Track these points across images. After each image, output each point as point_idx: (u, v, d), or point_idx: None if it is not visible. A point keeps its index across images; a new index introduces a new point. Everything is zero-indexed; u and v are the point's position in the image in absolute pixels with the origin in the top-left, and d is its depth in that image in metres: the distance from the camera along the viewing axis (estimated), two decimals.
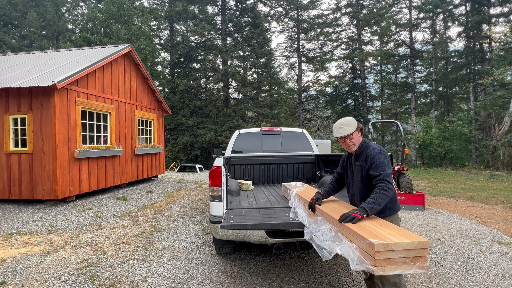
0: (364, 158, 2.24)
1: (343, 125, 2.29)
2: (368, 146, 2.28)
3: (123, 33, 18.81)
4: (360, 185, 2.29)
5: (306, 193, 3.08)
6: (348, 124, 2.29)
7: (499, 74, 14.76)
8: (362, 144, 2.32)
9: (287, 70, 35.95)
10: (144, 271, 3.36)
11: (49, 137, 6.47)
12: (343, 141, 2.32)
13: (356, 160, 2.35)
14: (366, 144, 2.32)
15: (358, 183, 2.31)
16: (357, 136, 2.32)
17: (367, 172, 2.21)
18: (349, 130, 2.27)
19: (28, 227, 5.08)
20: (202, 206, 6.86)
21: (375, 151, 2.20)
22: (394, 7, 24.31)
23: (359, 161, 2.30)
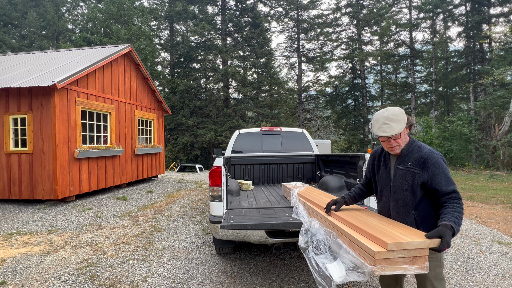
0: (418, 162, 1.76)
1: (390, 120, 1.75)
2: (420, 147, 1.81)
3: (123, 33, 18.81)
4: (406, 196, 1.80)
5: (308, 193, 3.08)
6: (396, 119, 1.75)
7: (499, 74, 14.76)
8: (411, 144, 1.84)
9: (287, 70, 35.98)
10: (144, 271, 3.36)
11: (49, 137, 6.47)
12: (386, 141, 1.83)
13: (400, 162, 1.85)
14: (416, 143, 1.84)
15: (403, 192, 1.82)
16: (405, 135, 1.83)
17: (422, 181, 1.75)
18: (398, 129, 1.74)
19: (28, 227, 5.08)
20: (202, 206, 6.86)
21: (435, 156, 1.73)
22: (394, 7, 24.32)
23: (406, 165, 1.81)
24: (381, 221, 1.85)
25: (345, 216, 2.02)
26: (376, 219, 1.89)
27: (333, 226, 2.00)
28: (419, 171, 1.75)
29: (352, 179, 3.84)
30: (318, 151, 5.83)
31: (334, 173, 4.64)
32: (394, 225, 1.77)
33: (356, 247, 1.65)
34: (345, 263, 1.65)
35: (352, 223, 1.86)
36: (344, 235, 1.81)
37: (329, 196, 2.83)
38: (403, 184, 1.82)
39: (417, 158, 1.77)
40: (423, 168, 1.74)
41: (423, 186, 1.76)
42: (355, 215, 2.02)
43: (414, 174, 1.77)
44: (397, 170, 1.86)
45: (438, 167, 1.72)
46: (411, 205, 1.80)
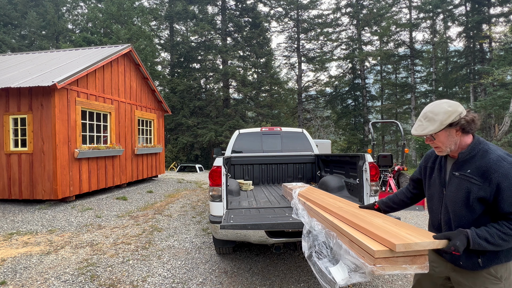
0: (480, 171, 1.40)
1: (425, 117, 1.49)
2: (487, 152, 1.42)
3: (123, 33, 18.82)
4: (461, 210, 1.47)
5: (309, 193, 3.07)
6: (432, 118, 1.46)
7: (499, 74, 14.76)
8: (474, 146, 1.46)
9: (287, 70, 35.99)
10: (144, 271, 3.36)
11: (49, 137, 6.48)
12: (428, 140, 1.55)
13: (457, 167, 1.51)
14: (483, 146, 1.45)
15: (456, 205, 1.48)
16: (451, 136, 1.48)
17: (481, 195, 1.39)
18: (428, 129, 1.46)
19: (28, 227, 5.08)
20: (202, 206, 6.85)
21: (504, 166, 1.35)
22: (394, 7, 24.32)
23: (464, 172, 1.46)
24: (386, 220, 1.78)
25: (347, 215, 1.99)
26: (381, 219, 1.83)
27: (333, 226, 1.99)
28: (479, 183, 1.40)
29: (352, 179, 3.84)
30: (318, 151, 5.83)
31: (334, 173, 4.64)
32: (400, 225, 1.69)
33: (356, 247, 1.64)
34: (347, 265, 1.64)
35: (355, 222, 1.81)
36: (344, 235, 1.80)
37: (331, 196, 2.82)
38: (457, 195, 1.48)
39: (480, 165, 1.41)
40: (485, 180, 1.38)
41: (483, 202, 1.41)
42: (358, 215, 2.00)
43: (472, 185, 1.42)
44: (452, 176, 1.53)
45: (508, 179, 1.33)
46: (466, 222, 1.46)
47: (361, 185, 3.32)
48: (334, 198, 2.66)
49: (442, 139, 1.49)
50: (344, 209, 2.14)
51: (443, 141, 1.49)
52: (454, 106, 1.44)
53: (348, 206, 2.23)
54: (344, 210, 2.13)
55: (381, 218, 1.89)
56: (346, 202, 2.47)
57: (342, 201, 2.48)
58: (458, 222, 1.48)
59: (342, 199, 2.60)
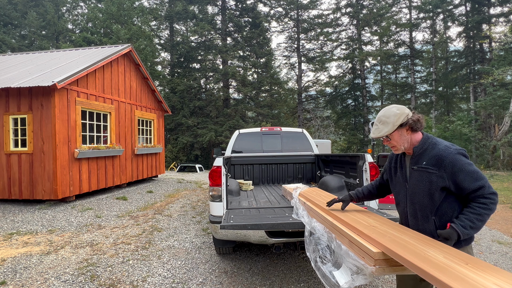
0: (433, 161, 1.60)
1: (379, 121, 1.72)
2: (436, 144, 1.64)
3: (123, 33, 18.82)
4: (424, 199, 1.64)
5: (310, 194, 3.07)
6: (385, 121, 1.69)
7: (499, 74, 14.76)
8: (425, 141, 1.68)
9: (287, 70, 35.97)
10: (144, 271, 3.36)
11: (49, 137, 6.48)
12: (385, 141, 1.76)
13: (414, 162, 1.70)
14: (431, 140, 1.67)
15: (420, 196, 1.66)
16: (403, 135, 1.70)
17: (441, 183, 1.57)
18: (384, 131, 1.69)
19: (28, 227, 5.08)
20: (202, 206, 6.86)
21: (451, 152, 1.56)
22: (394, 7, 24.33)
23: (421, 165, 1.65)
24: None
25: (347, 218, 1.98)
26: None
27: (333, 227, 1.99)
28: (435, 171, 1.59)
29: (352, 179, 3.84)
30: (318, 151, 5.83)
31: (334, 173, 4.64)
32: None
33: (355, 248, 1.65)
34: (349, 268, 1.64)
35: (352, 225, 1.81)
36: (345, 236, 1.81)
37: (332, 196, 2.81)
38: (419, 187, 1.66)
39: (432, 156, 1.61)
40: (440, 168, 1.58)
41: (444, 189, 1.58)
42: (357, 217, 2.00)
43: (430, 174, 1.60)
44: (412, 171, 1.71)
45: (457, 164, 1.54)
46: (430, 210, 1.63)
47: (361, 185, 3.32)
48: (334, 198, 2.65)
49: (396, 139, 1.70)
50: (360, 220, 2.02)
51: (397, 140, 1.71)
52: (401, 109, 1.68)
53: (372, 219, 2.06)
54: (343, 213, 2.12)
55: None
56: (371, 214, 2.30)
57: (365, 212, 2.34)
58: (423, 212, 1.65)
59: (361, 208, 2.49)
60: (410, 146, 1.71)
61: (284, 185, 4.15)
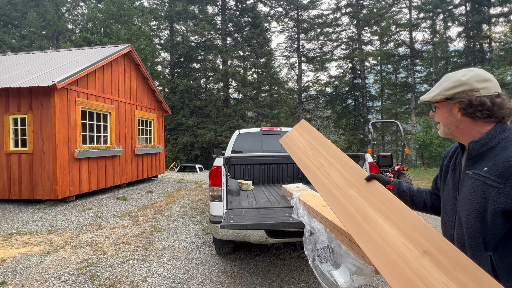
0: (500, 168, 0.96)
1: (439, 81, 1.16)
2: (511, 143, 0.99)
3: (123, 33, 18.82)
4: (475, 223, 1.01)
5: (310, 195, 3.06)
6: (441, 83, 1.13)
7: (499, 74, 14.77)
8: (493, 136, 1.03)
9: (287, 70, 35.98)
10: (144, 271, 3.36)
11: (49, 137, 6.48)
12: (432, 112, 1.22)
13: (471, 163, 1.08)
14: (508, 135, 1.02)
15: (469, 215, 1.03)
16: (451, 115, 1.11)
17: (500, 201, 0.94)
18: (431, 94, 1.14)
19: (28, 227, 5.08)
20: (202, 206, 6.86)
21: None
22: (394, 7, 24.33)
23: (479, 170, 1.03)
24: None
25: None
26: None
27: (333, 226, 1.99)
28: (499, 184, 0.94)
29: None
30: None
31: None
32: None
33: (355, 247, 1.64)
34: (348, 268, 1.64)
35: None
36: (345, 236, 1.80)
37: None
38: (470, 203, 1.03)
39: (500, 161, 0.97)
40: (507, 180, 0.93)
41: (507, 215, 0.94)
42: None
43: (489, 188, 0.97)
44: (465, 176, 1.09)
45: None
46: (484, 241, 1.00)
47: None
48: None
49: (441, 113, 1.15)
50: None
51: (442, 117, 1.15)
52: (472, 78, 1.05)
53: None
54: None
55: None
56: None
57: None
58: (472, 241, 1.02)
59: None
60: (466, 138, 1.10)
61: (284, 185, 4.15)
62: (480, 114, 1.04)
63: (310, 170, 1.64)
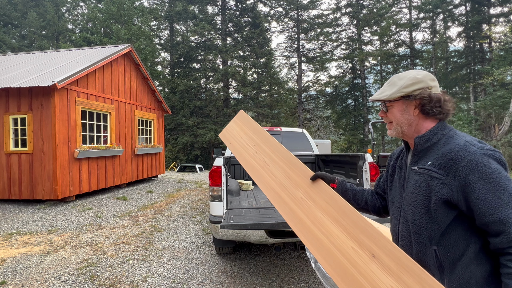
0: (442, 161, 1.00)
1: (389, 81, 1.14)
2: (452, 137, 1.04)
3: (123, 33, 18.82)
4: (421, 217, 1.03)
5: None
6: (394, 82, 1.12)
7: (499, 74, 14.76)
8: (436, 131, 1.07)
9: (287, 70, 36.00)
10: (144, 271, 3.36)
11: (49, 137, 6.48)
12: (381, 112, 1.20)
13: (417, 159, 1.11)
14: (449, 132, 1.07)
15: (415, 210, 1.05)
16: (406, 112, 1.11)
17: (442, 192, 0.97)
18: (385, 93, 1.12)
19: (28, 227, 5.08)
20: (202, 206, 6.86)
21: (474, 152, 0.95)
22: (394, 7, 24.32)
23: (423, 165, 1.06)
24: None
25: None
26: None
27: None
28: (441, 176, 0.98)
29: (352, 179, 3.84)
30: (318, 151, 5.83)
31: (334, 173, 4.64)
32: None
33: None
34: None
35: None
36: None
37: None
38: (415, 196, 1.05)
39: (443, 154, 1.01)
40: (449, 172, 0.97)
41: (449, 206, 0.97)
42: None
43: (432, 180, 1.00)
44: (411, 172, 1.11)
45: (478, 170, 0.92)
46: (428, 235, 1.01)
47: (361, 185, 3.32)
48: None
49: (395, 112, 1.12)
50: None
51: (396, 115, 1.12)
52: (424, 77, 1.08)
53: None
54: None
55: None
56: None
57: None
58: (418, 236, 1.04)
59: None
60: (413, 134, 1.12)
61: None
62: (435, 110, 1.07)
63: (255, 170, 1.52)
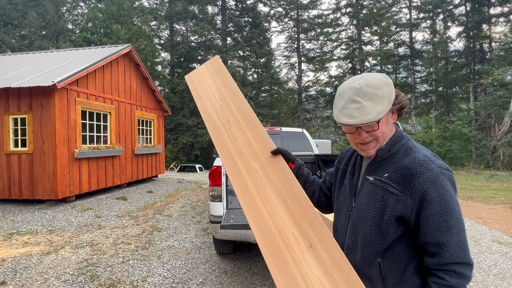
0: (400, 175, 0.95)
1: (363, 95, 0.93)
2: (412, 149, 1.00)
3: (123, 33, 18.82)
4: (371, 231, 0.99)
5: None
6: (374, 95, 0.93)
7: (499, 74, 14.76)
8: (397, 140, 1.02)
9: (287, 70, 36.00)
10: (144, 271, 3.36)
11: (49, 137, 6.48)
12: (354, 133, 1.00)
13: (373, 170, 1.04)
14: (407, 143, 1.02)
15: (367, 223, 1.00)
16: (389, 123, 1.01)
17: (399, 212, 0.94)
18: (375, 112, 0.92)
19: (28, 227, 5.08)
20: (202, 206, 6.86)
21: (432, 169, 0.92)
22: (394, 7, 24.33)
23: (380, 176, 1.00)
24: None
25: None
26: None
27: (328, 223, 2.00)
28: (398, 192, 0.94)
29: None
30: (318, 151, 5.82)
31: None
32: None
33: None
34: None
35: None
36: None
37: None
38: (369, 209, 1.00)
39: (401, 167, 0.96)
40: (406, 188, 0.93)
41: (401, 222, 0.95)
42: None
43: (388, 195, 0.95)
44: (365, 182, 1.04)
45: (433, 190, 0.89)
46: (376, 249, 0.98)
47: None
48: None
49: (383, 127, 0.98)
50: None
51: (384, 130, 0.99)
52: (388, 77, 0.98)
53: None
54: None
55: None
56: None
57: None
58: (366, 249, 1.00)
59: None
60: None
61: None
62: (403, 112, 1.04)
63: (214, 126, 1.41)
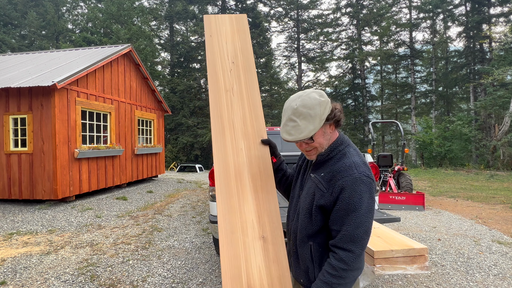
0: (329, 176, 1.15)
1: (298, 115, 1.11)
2: (346, 155, 1.18)
3: (123, 33, 18.83)
4: (304, 218, 1.21)
5: None
6: (308, 115, 1.10)
7: (499, 74, 14.75)
8: (337, 146, 1.21)
9: (287, 70, 35.97)
10: (144, 271, 3.36)
11: (49, 137, 6.48)
12: (297, 144, 1.22)
13: (315, 168, 1.24)
14: (343, 148, 1.20)
15: (302, 212, 1.23)
16: (326, 134, 1.18)
17: (320, 200, 1.15)
18: (307, 131, 1.10)
19: (28, 227, 5.08)
20: (202, 206, 6.86)
21: (353, 174, 1.10)
22: (394, 7, 24.34)
23: (318, 174, 1.20)
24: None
25: None
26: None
27: None
28: (324, 189, 1.14)
29: None
30: None
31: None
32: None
33: None
34: None
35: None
36: None
37: None
38: (305, 200, 1.22)
39: (332, 170, 1.15)
40: (330, 186, 1.13)
41: (323, 211, 1.16)
42: None
43: (317, 190, 1.17)
44: (309, 178, 1.25)
45: (346, 191, 1.08)
46: (307, 233, 1.20)
47: None
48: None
49: (319, 138, 1.16)
50: None
51: (320, 140, 1.17)
52: (324, 95, 1.14)
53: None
54: None
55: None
56: None
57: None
58: (301, 234, 1.22)
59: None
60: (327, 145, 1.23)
61: None
62: (341, 122, 1.20)
63: (216, 87, 1.33)
